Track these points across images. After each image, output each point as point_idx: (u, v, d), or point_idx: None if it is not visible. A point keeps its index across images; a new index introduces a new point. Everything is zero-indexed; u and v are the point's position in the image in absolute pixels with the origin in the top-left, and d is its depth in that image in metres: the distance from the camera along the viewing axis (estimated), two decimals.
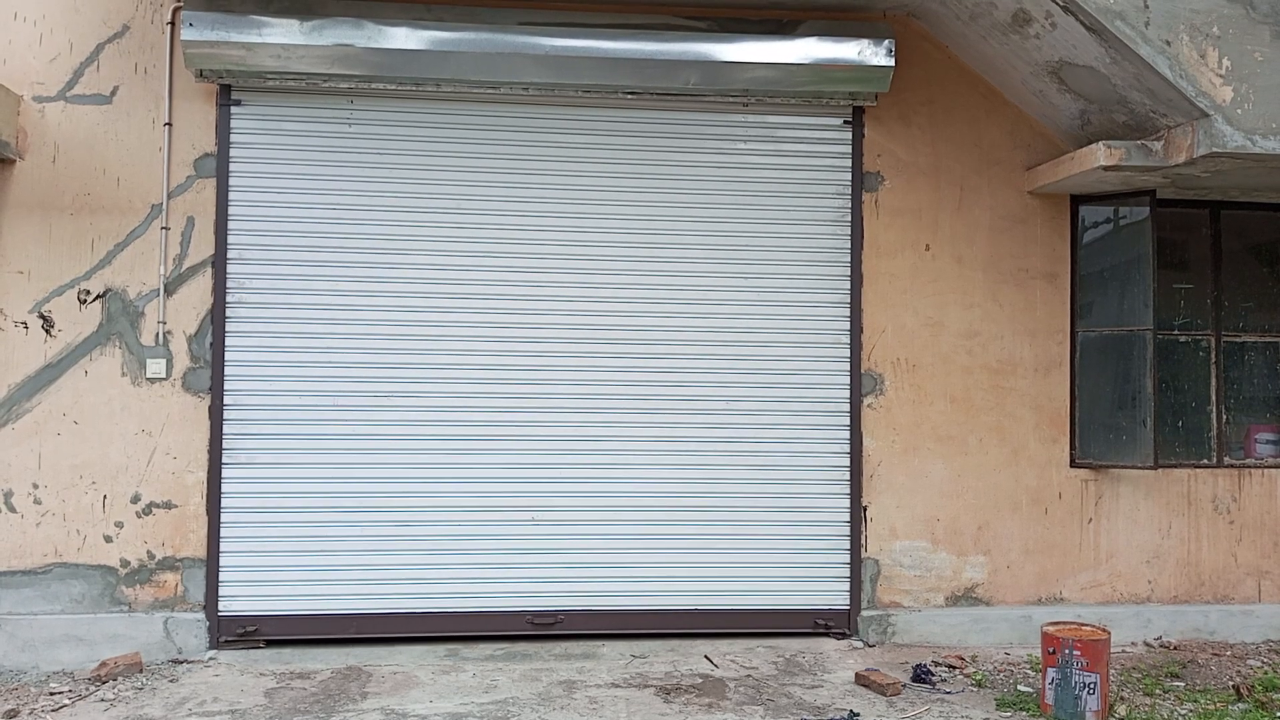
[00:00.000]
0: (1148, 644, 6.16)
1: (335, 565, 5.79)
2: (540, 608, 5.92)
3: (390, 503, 5.85)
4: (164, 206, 5.73)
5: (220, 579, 5.72)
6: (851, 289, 6.11)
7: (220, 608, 5.71)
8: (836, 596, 6.08)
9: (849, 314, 6.12)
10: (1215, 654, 6.01)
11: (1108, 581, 6.26)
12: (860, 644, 6.00)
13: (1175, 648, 6.10)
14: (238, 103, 5.80)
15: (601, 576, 5.97)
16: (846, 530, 6.09)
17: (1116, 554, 6.27)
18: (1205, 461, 6.43)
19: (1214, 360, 6.47)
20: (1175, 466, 6.34)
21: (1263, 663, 5.83)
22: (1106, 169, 5.58)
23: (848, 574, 6.08)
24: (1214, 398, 6.47)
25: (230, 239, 5.80)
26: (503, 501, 5.92)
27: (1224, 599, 6.33)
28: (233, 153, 5.80)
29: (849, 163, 6.11)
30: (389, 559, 5.84)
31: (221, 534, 5.73)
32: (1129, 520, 6.28)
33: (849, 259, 6.12)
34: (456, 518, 5.89)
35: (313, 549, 5.79)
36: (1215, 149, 5.23)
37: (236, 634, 5.68)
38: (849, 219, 6.12)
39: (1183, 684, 5.48)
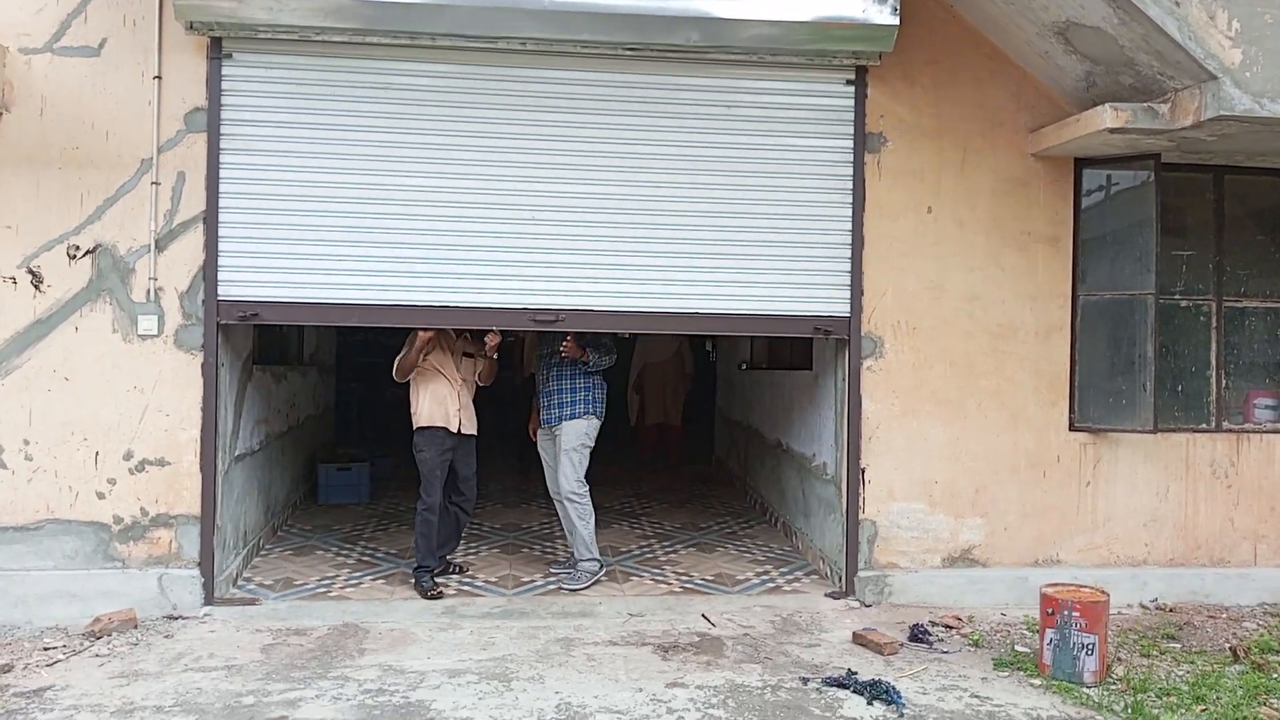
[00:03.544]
0: (1144, 606, 6.18)
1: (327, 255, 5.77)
2: (542, 305, 5.87)
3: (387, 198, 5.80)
4: (154, 161, 5.62)
5: (215, 539, 5.69)
6: (852, 252, 6.05)
7: (216, 567, 5.69)
8: (837, 304, 6.09)
9: (849, 277, 6.06)
10: (1211, 616, 6.03)
11: (1104, 544, 6.27)
12: (857, 604, 6.00)
13: (1171, 610, 6.12)
14: (229, 56, 5.67)
15: (601, 278, 5.92)
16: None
17: (1114, 517, 6.27)
18: (1204, 426, 6.42)
19: (1215, 325, 6.44)
20: (1174, 431, 6.32)
21: (1258, 625, 5.85)
22: (1112, 131, 5.52)
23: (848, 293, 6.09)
24: (1214, 362, 6.45)
25: (222, 195, 5.70)
26: (505, 200, 5.85)
27: (1220, 562, 6.35)
28: (224, 107, 5.68)
29: (851, 123, 6.02)
30: (393, 253, 5.78)
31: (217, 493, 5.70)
32: (1127, 484, 6.28)
33: (850, 221, 6.05)
34: (460, 213, 5.84)
35: None
36: (1223, 112, 5.16)
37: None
38: (850, 181, 6.04)
39: (1179, 646, 5.50)
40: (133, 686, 4.56)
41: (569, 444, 6.24)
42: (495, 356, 6.27)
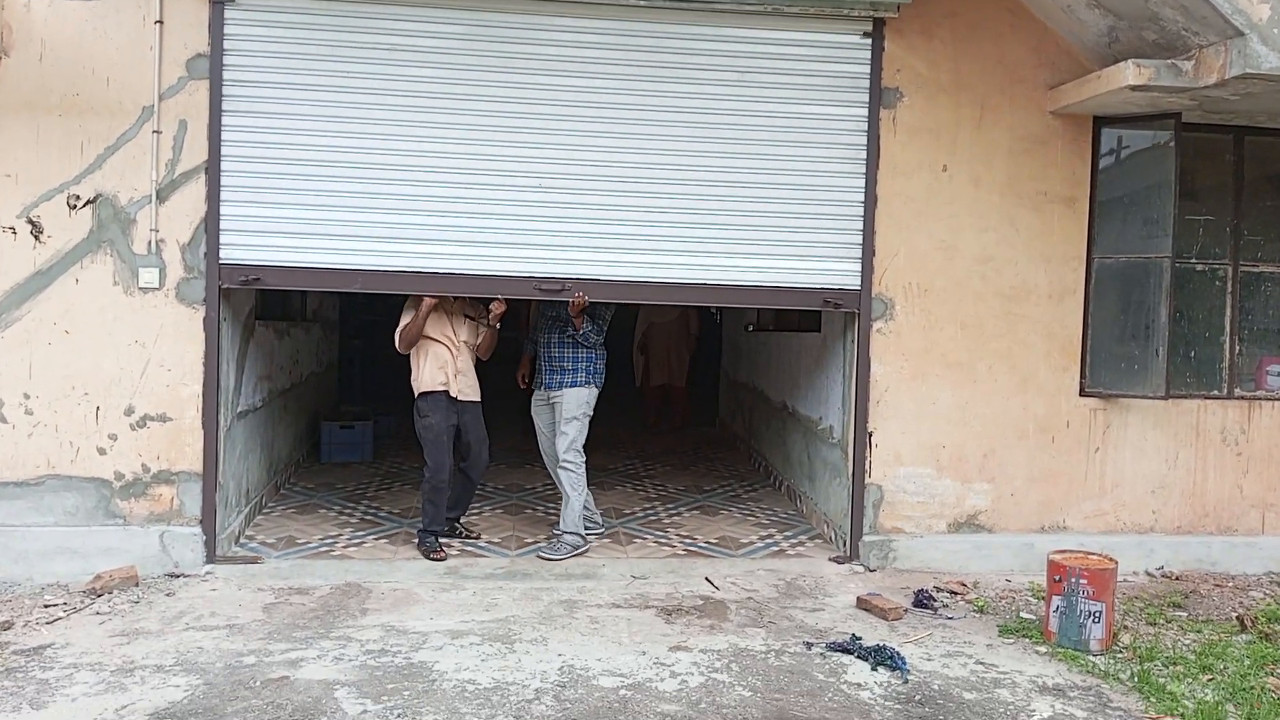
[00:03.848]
0: (1149, 574, 6.14)
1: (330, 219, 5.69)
2: (547, 273, 5.81)
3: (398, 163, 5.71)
4: (155, 109, 5.51)
5: (217, 497, 5.65)
6: (865, 210, 5.94)
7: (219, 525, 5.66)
8: (848, 277, 5.99)
9: (860, 249, 5.96)
10: (1218, 585, 5.99)
11: (1112, 511, 6.22)
12: (861, 569, 5.96)
13: (1178, 578, 6.08)
14: (232, 1, 5.54)
15: (608, 247, 5.84)
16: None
17: (1122, 483, 6.22)
18: (1215, 393, 6.34)
19: (1230, 290, 6.34)
20: (1185, 397, 6.25)
21: (1265, 594, 5.81)
22: (1134, 89, 5.38)
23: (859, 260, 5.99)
24: (1228, 328, 6.35)
25: (224, 156, 5.58)
26: (511, 165, 5.75)
27: (1228, 530, 6.30)
28: (226, 53, 5.55)
29: (867, 77, 5.88)
30: (397, 219, 5.70)
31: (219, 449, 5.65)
32: (1136, 450, 6.22)
33: (863, 181, 5.93)
34: (465, 179, 5.75)
35: None
36: (1249, 70, 5.03)
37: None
38: (864, 137, 5.92)
39: (1185, 614, 5.46)
40: (133, 645, 4.53)
41: (569, 412, 6.13)
42: (498, 326, 6.17)
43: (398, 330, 5.94)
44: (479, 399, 6.18)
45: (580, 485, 6.09)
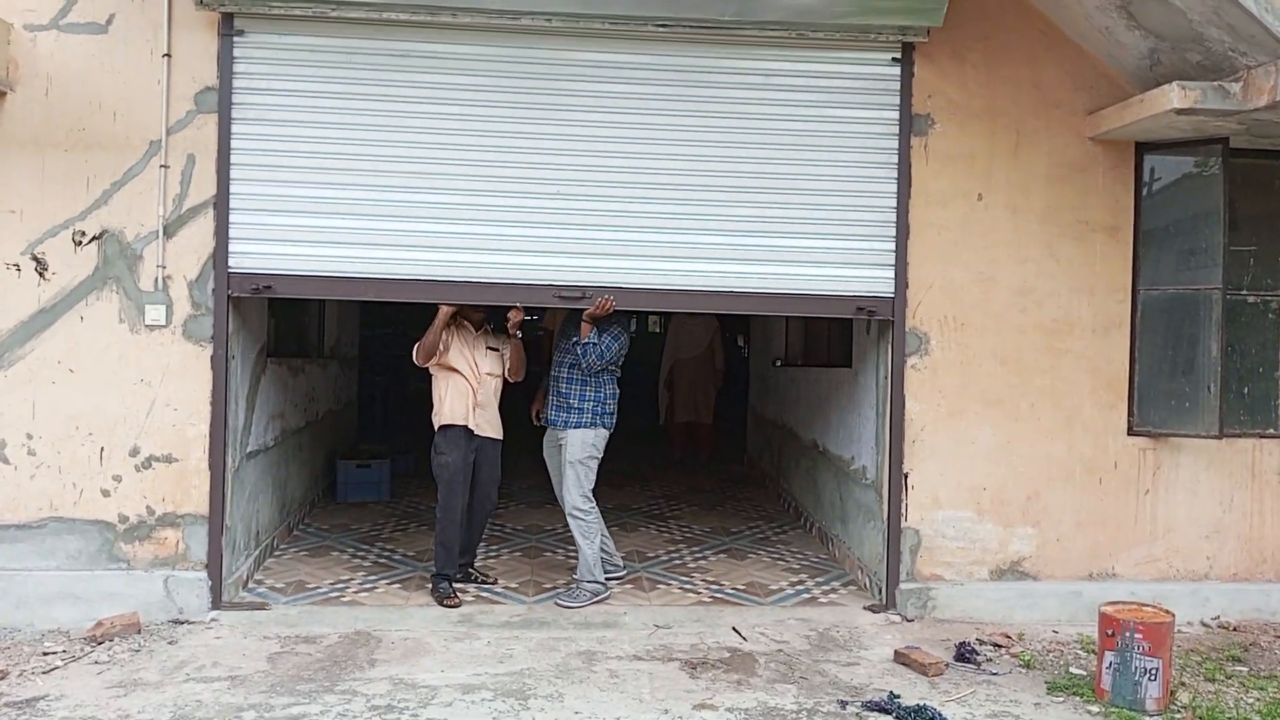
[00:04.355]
0: (1205, 624, 5.78)
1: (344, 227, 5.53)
2: (566, 281, 5.58)
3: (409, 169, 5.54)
4: (163, 143, 5.37)
5: (224, 540, 5.44)
6: (897, 241, 5.68)
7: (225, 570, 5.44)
8: (881, 283, 5.74)
9: (894, 256, 5.70)
10: (1278, 636, 5.62)
11: (1164, 557, 5.88)
12: (898, 618, 5.65)
13: (1235, 629, 5.72)
14: (240, 33, 5.40)
15: (629, 254, 5.62)
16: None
17: (1174, 528, 5.88)
18: (1271, 431, 6.00)
19: None
20: (1239, 436, 5.91)
21: None
22: (1179, 112, 5.12)
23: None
24: None
25: (233, 179, 5.44)
26: (528, 173, 5.57)
27: None
28: (236, 86, 5.42)
29: (897, 104, 5.65)
30: (412, 226, 5.53)
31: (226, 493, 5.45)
32: (1188, 492, 5.88)
33: (895, 209, 5.69)
34: (482, 187, 5.57)
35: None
36: None
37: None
38: (895, 165, 5.68)
39: (1245, 669, 5.11)
40: (130, 697, 4.31)
41: (574, 455, 5.86)
42: (519, 335, 5.92)
43: (416, 345, 5.74)
44: (499, 437, 5.95)
45: (593, 533, 5.82)
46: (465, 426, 5.75)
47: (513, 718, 4.16)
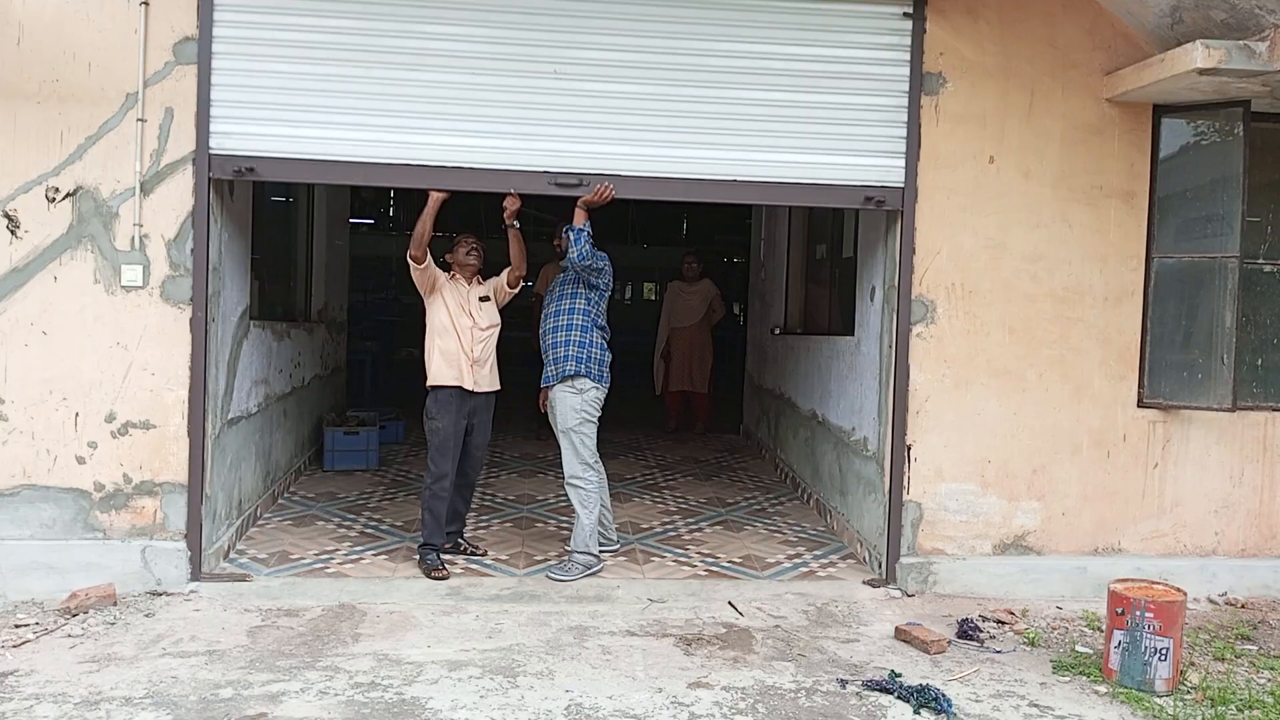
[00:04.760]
0: (1212, 600, 5.64)
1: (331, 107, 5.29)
2: (564, 167, 5.37)
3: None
4: (140, 96, 5.12)
5: (203, 509, 5.25)
6: (905, 205, 5.47)
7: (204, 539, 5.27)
8: (891, 172, 5.52)
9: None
10: None
11: (1171, 532, 5.73)
12: (899, 593, 5.50)
13: (1243, 606, 5.58)
14: None
15: (629, 139, 5.39)
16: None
17: (1182, 502, 5.72)
18: None
19: None
20: (1252, 409, 5.74)
21: None
22: (1202, 72, 4.90)
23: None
24: None
25: (213, 133, 5.21)
26: (525, 51, 5.32)
27: None
28: (216, 37, 5.17)
29: (907, 61, 5.42)
30: (402, 107, 5.29)
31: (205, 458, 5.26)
32: (1198, 466, 5.72)
33: (903, 171, 5.47)
34: (475, 65, 5.32)
35: None
36: None
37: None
38: (905, 126, 5.46)
39: (1255, 648, 4.97)
40: (103, 673, 4.14)
41: (564, 423, 5.65)
42: (517, 225, 5.69)
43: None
44: (497, 388, 5.75)
45: (591, 503, 5.64)
46: (459, 386, 5.55)
47: (501, 696, 4.01)
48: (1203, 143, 5.61)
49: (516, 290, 5.86)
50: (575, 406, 5.63)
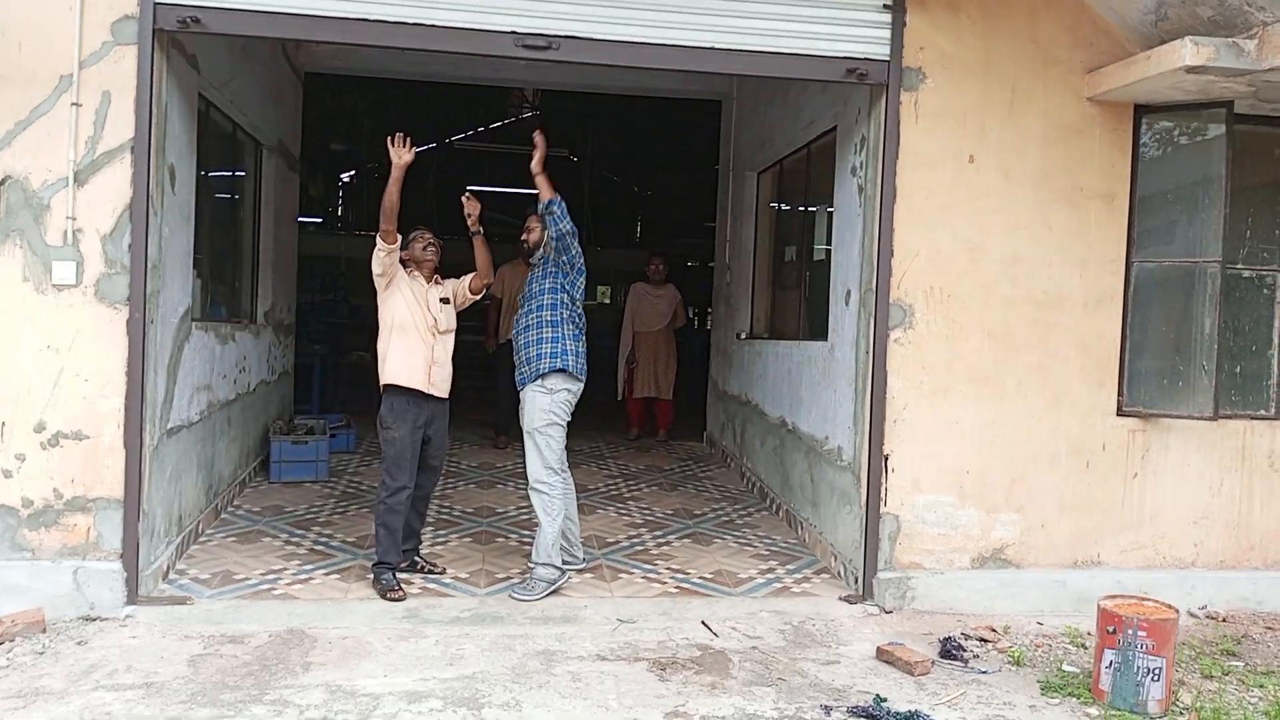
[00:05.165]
0: (1193, 614, 5.51)
1: None
2: (531, 29, 5.04)
3: None
4: (75, 78, 4.75)
5: (141, 527, 4.89)
6: (882, 205, 5.28)
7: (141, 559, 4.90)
8: (875, 44, 5.27)
9: (878, 235, 5.30)
10: (1269, 628, 5.38)
11: (1150, 544, 5.60)
12: (876, 610, 5.30)
13: (1224, 619, 5.46)
14: None
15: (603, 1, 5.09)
16: None
17: (1161, 513, 5.60)
18: (1263, 413, 5.75)
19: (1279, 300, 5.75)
20: (1230, 418, 5.64)
21: None
22: (1190, 70, 4.78)
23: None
24: (1277, 341, 5.76)
25: (155, 118, 4.86)
26: None
27: (1275, 565, 5.70)
28: (158, 15, 4.82)
29: (887, 56, 5.23)
30: None
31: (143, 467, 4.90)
32: (1177, 476, 5.60)
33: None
34: None
35: None
36: None
37: None
38: (883, 123, 5.27)
39: (1242, 664, 4.84)
40: (30, 710, 3.79)
41: (531, 423, 5.38)
42: (480, 231, 5.44)
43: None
44: (448, 397, 5.46)
45: (556, 509, 5.36)
46: (417, 391, 5.24)
47: None
48: (1184, 144, 5.51)
49: (477, 297, 5.58)
50: (544, 407, 5.36)
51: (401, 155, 5.09)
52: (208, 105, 6.08)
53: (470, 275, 5.50)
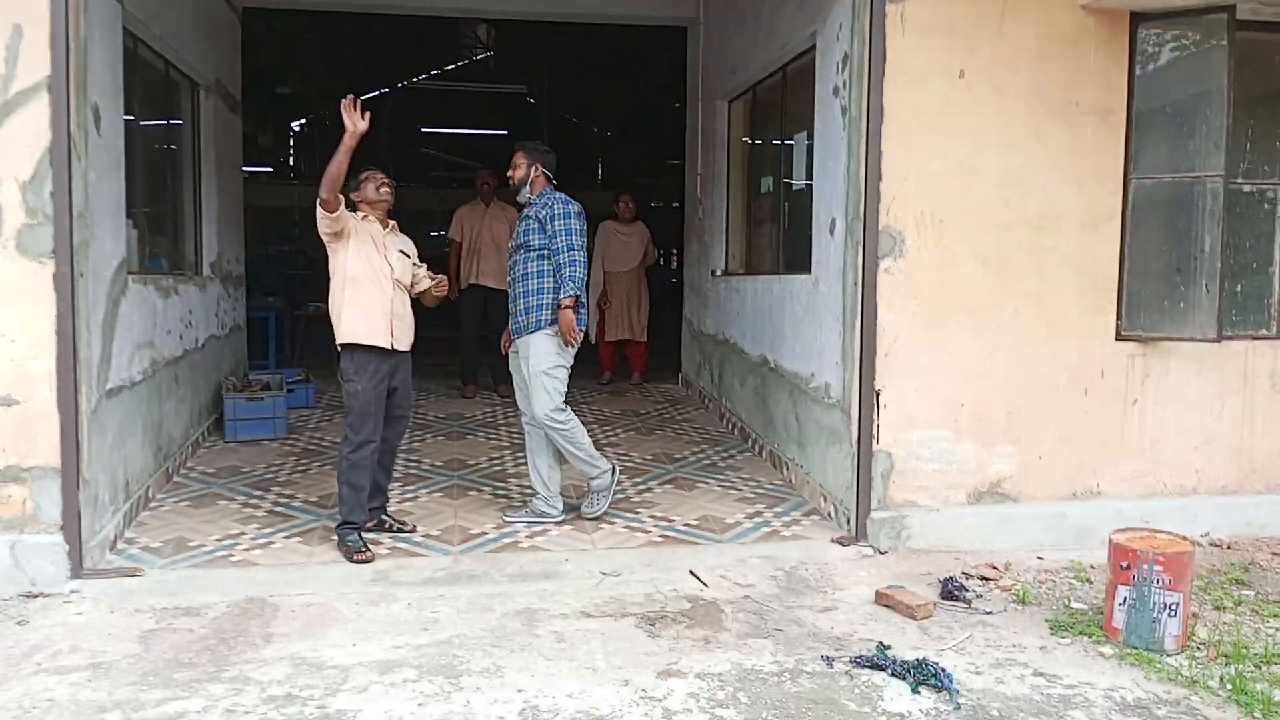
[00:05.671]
0: (1195, 542, 5.29)
1: None
2: None
3: None
4: None
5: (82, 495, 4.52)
6: (869, 126, 4.94)
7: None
8: None
9: (864, 159, 4.97)
10: (1275, 553, 5.21)
11: (1151, 472, 5.40)
12: (871, 551, 5.06)
13: (1229, 546, 5.29)
14: None
15: None
16: None
17: (1162, 440, 5.39)
18: (1265, 332, 5.54)
19: None
20: (1232, 338, 5.41)
21: None
22: None
23: None
24: (1278, 258, 5.53)
25: (72, 53, 4.40)
26: None
27: (1278, 488, 5.52)
28: None
29: None
30: None
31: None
32: (1178, 401, 5.38)
33: (866, 88, 4.93)
34: None
35: None
36: None
37: None
38: (868, 37, 4.91)
39: (1253, 593, 4.66)
40: None
41: (537, 365, 5.21)
42: (441, 296, 5.33)
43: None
44: (410, 349, 5.14)
45: (575, 435, 5.35)
46: (378, 345, 4.89)
47: (443, 703, 3.43)
48: (1183, 54, 5.19)
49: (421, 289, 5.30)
50: (551, 350, 5.26)
51: (356, 123, 4.65)
52: (135, 41, 5.62)
53: (428, 273, 5.27)
